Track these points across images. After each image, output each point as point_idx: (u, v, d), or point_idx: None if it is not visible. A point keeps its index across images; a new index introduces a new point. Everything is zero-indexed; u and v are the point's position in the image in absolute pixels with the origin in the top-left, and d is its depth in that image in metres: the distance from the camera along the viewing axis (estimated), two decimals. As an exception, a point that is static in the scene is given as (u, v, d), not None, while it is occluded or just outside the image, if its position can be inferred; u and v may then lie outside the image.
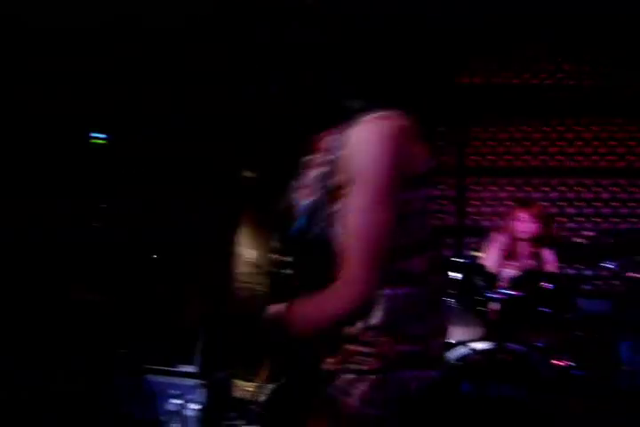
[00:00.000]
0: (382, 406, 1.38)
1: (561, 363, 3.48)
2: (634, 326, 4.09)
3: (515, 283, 3.47)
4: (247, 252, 1.61)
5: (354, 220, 1.31)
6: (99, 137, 4.08)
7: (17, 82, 3.99)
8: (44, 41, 4.09)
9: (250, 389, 1.51)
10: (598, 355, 4.13)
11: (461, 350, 3.38)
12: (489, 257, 4.08)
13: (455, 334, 3.48)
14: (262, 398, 1.47)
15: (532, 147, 5.53)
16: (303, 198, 1.47)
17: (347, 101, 1.45)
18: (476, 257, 3.60)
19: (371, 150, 1.32)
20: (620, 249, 3.93)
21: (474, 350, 3.35)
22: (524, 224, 4.02)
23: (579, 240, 4.00)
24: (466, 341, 3.45)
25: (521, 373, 3.25)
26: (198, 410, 2.84)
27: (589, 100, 5.44)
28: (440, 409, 1.41)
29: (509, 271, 3.93)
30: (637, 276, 3.93)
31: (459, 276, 3.39)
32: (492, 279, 3.48)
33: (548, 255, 4.05)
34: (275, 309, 1.43)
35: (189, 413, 2.85)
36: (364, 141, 1.33)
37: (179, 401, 2.86)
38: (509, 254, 4.09)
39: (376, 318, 1.38)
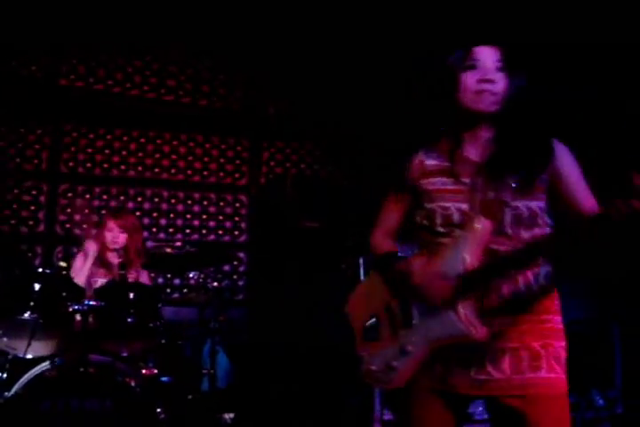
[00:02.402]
0: None
1: (148, 371, 3.53)
2: (217, 333, 4.32)
3: (99, 293, 3.43)
4: None
5: None
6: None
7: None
8: None
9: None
10: (183, 360, 4.30)
11: (42, 366, 3.22)
12: (77, 267, 3.97)
13: (36, 348, 3.30)
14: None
15: (128, 157, 5.55)
16: None
17: None
18: (61, 267, 3.46)
19: None
20: (205, 260, 4.16)
21: (55, 365, 3.21)
22: (114, 234, 4.01)
23: (168, 250, 4.10)
24: (47, 355, 3.29)
25: (106, 384, 3.20)
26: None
27: (185, 116, 5.70)
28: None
29: (98, 281, 3.88)
30: (219, 285, 4.20)
31: (41, 287, 3.22)
32: (76, 290, 3.39)
33: (137, 265, 4.10)
34: None
35: None
36: None
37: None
38: (99, 264, 4.04)
39: None
